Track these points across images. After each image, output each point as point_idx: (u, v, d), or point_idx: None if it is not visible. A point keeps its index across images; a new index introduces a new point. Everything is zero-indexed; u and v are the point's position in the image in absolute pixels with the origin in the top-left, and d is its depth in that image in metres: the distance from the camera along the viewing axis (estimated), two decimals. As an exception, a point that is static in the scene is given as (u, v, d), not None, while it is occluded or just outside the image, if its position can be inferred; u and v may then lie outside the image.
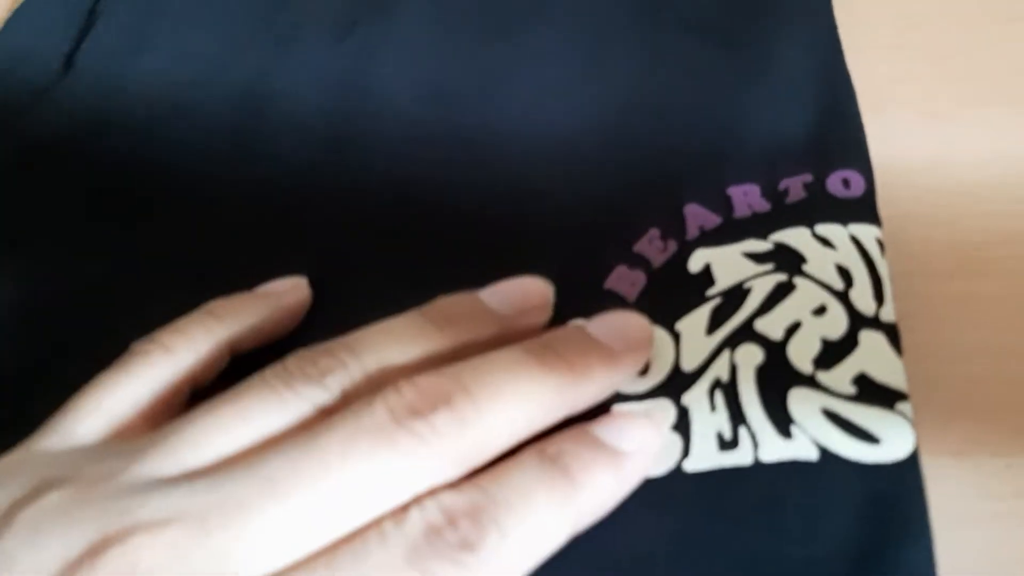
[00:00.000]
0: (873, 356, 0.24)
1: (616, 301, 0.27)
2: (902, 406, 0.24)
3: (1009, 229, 0.28)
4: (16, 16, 0.36)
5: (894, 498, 0.23)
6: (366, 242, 0.29)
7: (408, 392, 0.21)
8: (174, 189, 0.31)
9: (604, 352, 0.24)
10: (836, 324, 0.25)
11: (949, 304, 0.27)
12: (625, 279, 0.27)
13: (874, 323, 0.25)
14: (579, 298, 0.27)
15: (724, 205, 0.28)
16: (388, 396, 0.21)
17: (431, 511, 0.20)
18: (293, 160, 0.31)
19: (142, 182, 0.31)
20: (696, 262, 0.27)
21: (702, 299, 0.26)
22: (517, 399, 0.22)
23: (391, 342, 0.23)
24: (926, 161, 0.30)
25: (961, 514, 0.23)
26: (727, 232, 0.27)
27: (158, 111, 0.33)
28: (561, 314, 0.26)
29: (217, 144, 0.32)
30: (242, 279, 0.27)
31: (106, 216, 0.31)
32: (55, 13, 0.36)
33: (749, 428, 0.24)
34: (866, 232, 0.27)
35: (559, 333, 0.24)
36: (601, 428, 0.23)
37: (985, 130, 0.30)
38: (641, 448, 0.23)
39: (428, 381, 0.21)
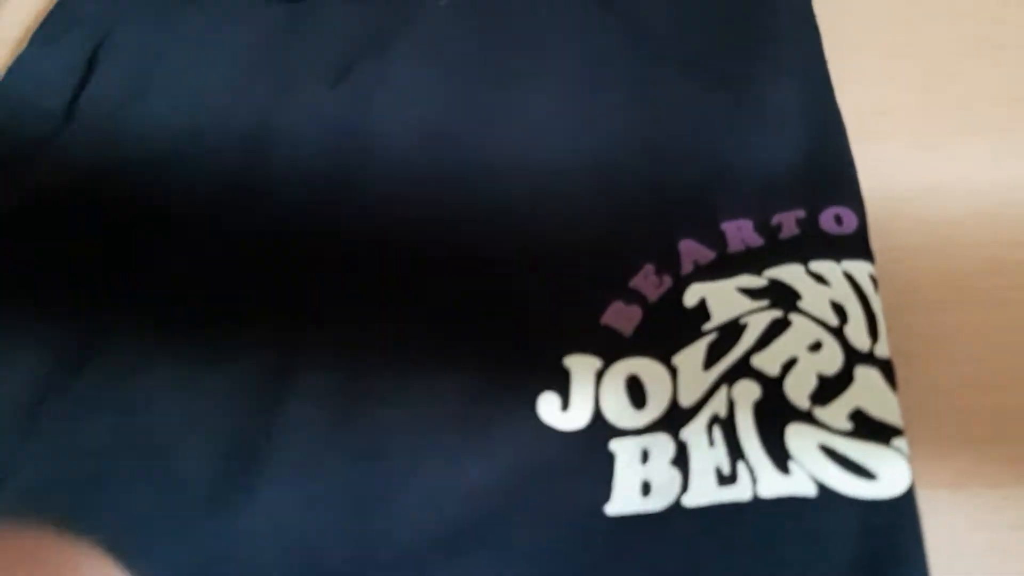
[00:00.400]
0: (868, 392, 0.25)
1: (612, 337, 0.27)
2: (898, 442, 0.24)
3: (999, 258, 0.29)
4: (16, 66, 0.36)
5: (891, 534, 0.23)
6: (366, 285, 0.29)
7: None
8: (175, 236, 0.31)
9: None
10: (832, 360, 0.25)
11: (941, 336, 0.27)
12: (621, 314, 0.27)
13: (869, 359, 0.25)
14: (576, 335, 0.27)
15: (718, 240, 0.28)
16: None
17: None
18: (293, 205, 0.31)
19: (144, 229, 0.31)
20: (691, 297, 0.27)
21: (698, 334, 0.26)
22: None
23: None
24: (915, 191, 0.30)
25: (957, 546, 0.24)
26: (721, 267, 0.28)
27: (159, 158, 0.33)
28: (559, 350, 0.27)
29: (217, 191, 0.32)
30: (242, 324, 0.28)
31: (108, 263, 0.30)
32: (55, 62, 0.36)
33: (747, 463, 0.24)
34: (859, 268, 0.27)
35: None
36: None
37: (973, 159, 0.31)
38: None
39: None
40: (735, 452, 0.24)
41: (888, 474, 0.23)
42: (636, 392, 0.26)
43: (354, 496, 0.25)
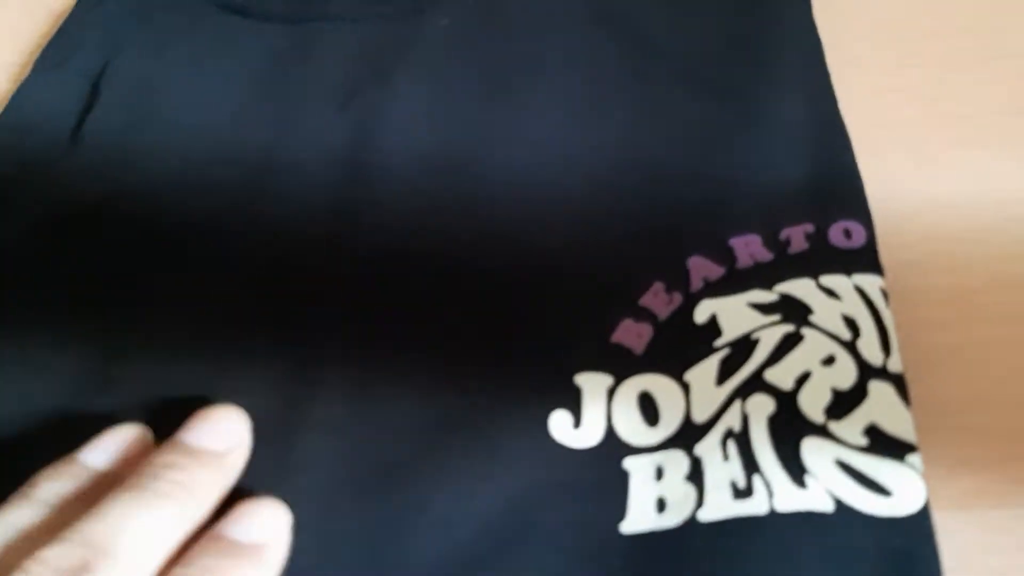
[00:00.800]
0: (883, 407, 0.25)
1: (623, 354, 0.27)
2: (912, 458, 0.24)
3: (1005, 273, 0.29)
4: (20, 92, 0.36)
5: (908, 553, 0.23)
6: (375, 310, 0.29)
7: (43, 571, 0.20)
8: (181, 264, 0.31)
9: (210, 461, 0.24)
10: (845, 374, 0.25)
11: (948, 354, 0.27)
12: (631, 332, 0.27)
13: (882, 374, 0.25)
14: (587, 353, 0.27)
15: (727, 256, 0.28)
16: None
17: None
18: (300, 231, 0.31)
19: (151, 256, 0.31)
20: (702, 313, 0.27)
21: (710, 350, 0.26)
22: (148, 537, 0.22)
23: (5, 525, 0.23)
24: (920, 205, 0.30)
25: (967, 568, 0.23)
26: (731, 283, 0.28)
27: (165, 185, 0.33)
28: (570, 368, 0.27)
29: (224, 217, 0.31)
30: (250, 354, 0.28)
31: (117, 290, 0.30)
32: (58, 89, 0.36)
33: (763, 477, 0.24)
34: (870, 282, 0.27)
35: (162, 460, 0.24)
36: (232, 527, 0.23)
37: (978, 172, 0.31)
38: (274, 536, 0.24)
39: (57, 553, 0.21)
40: (750, 466, 0.24)
41: (903, 491, 0.23)
42: (649, 409, 0.26)
43: (368, 531, 0.25)
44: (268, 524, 0.24)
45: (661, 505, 0.24)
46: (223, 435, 0.25)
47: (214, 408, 0.26)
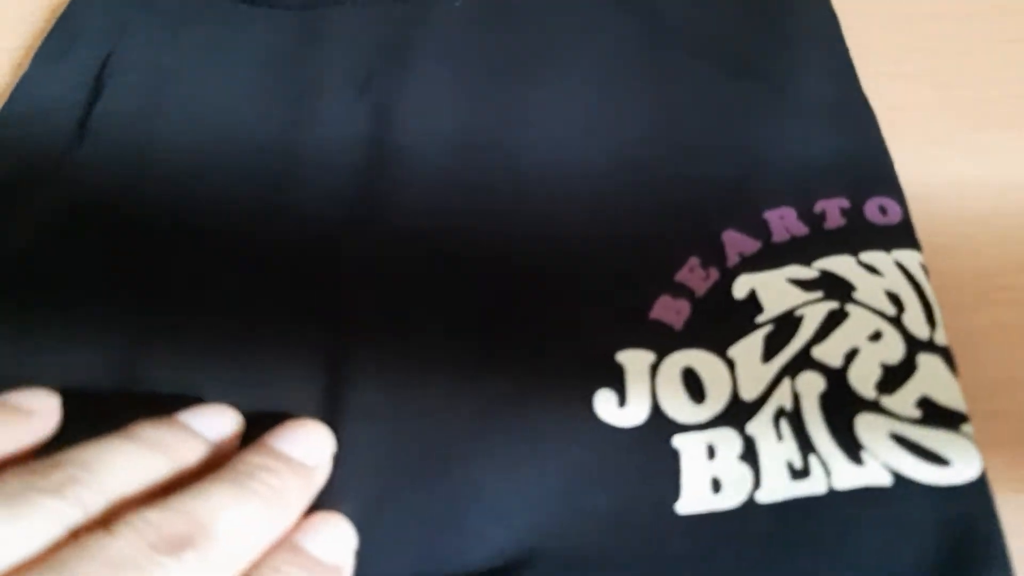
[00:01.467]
0: (933, 379, 0.25)
1: (663, 331, 0.27)
2: (965, 428, 0.24)
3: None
4: (22, 84, 0.34)
5: (970, 519, 0.23)
6: (408, 295, 0.28)
7: (148, 530, 0.20)
8: (205, 256, 0.29)
9: (301, 472, 0.24)
10: (893, 349, 0.25)
11: (969, 337, 0.27)
12: (670, 308, 0.27)
13: (930, 347, 0.25)
14: (626, 331, 0.26)
15: (762, 230, 0.28)
16: (130, 532, 0.20)
17: None
18: (325, 218, 0.30)
19: (170, 249, 0.30)
20: (740, 288, 0.27)
21: (752, 326, 0.26)
22: (246, 530, 0.22)
23: (115, 460, 0.22)
24: (939, 188, 0.30)
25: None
26: (767, 257, 0.27)
27: (182, 174, 0.31)
28: (611, 346, 0.26)
29: (245, 208, 0.30)
30: (283, 344, 0.27)
31: (136, 285, 0.29)
32: (62, 79, 0.34)
33: (819, 456, 0.24)
34: (909, 257, 0.27)
35: (257, 460, 0.24)
36: (311, 542, 0.23)
37: (995, 154, 0.31)
38: (349, 555, 0.24)
39: (162, 517, 0.21)
40: (805, 446, 0.24)
41: (960, 460, 0.23)
42: (693, 385, 0.26)
43: (420, 520, 0.24)
44: (344, 543, 0.23)
45: (716, 485, 0.24)
46: (313, 449, 0.25)
47: (304, 421, 0.25)
